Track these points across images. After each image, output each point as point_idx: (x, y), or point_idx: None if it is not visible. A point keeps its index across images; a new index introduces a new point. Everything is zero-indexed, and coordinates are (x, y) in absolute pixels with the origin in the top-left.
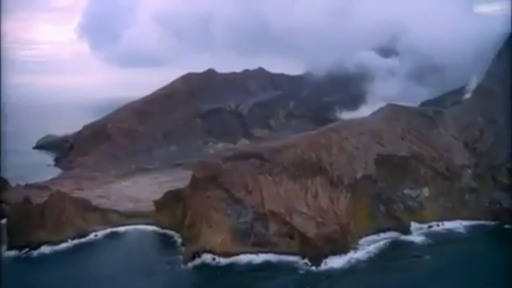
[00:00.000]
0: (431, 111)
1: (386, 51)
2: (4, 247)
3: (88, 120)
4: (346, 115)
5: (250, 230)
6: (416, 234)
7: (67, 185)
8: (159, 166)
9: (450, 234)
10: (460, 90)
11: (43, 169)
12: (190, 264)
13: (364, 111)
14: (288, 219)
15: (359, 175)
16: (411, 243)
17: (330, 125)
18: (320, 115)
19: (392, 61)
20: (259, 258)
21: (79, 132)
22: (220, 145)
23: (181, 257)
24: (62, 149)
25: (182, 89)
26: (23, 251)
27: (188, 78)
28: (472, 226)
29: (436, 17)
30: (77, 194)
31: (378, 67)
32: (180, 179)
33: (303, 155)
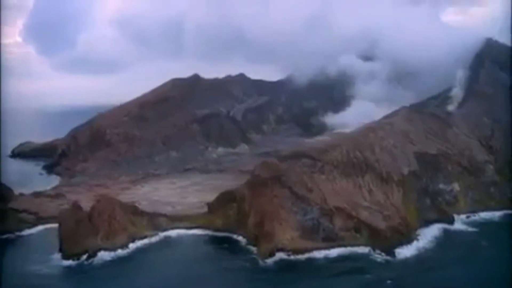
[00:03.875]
0: (442, 113)
1: (365, 57)
2: (58, 255)
3: (63, 127)
4: (332, 119)
5: (318, 226)
6: (460, 224)
7: (82, 192)
8: (169, 171)
9: (488, 223)
10: (441, 96)
11: (34, 177)
12: (270, 261)
13: (349, 115)
14: (354, 213)
15: (405, 171)
16: (461, 231)
17: (366, 125)
18: (307, 119)
19: (372, 66)
20: (332, 252)
21: (74, 138)
22: (220, 149)
23: (252, 256)
24: (46, 156)
25: (174, 94)
26: (82, 259)
27: (176, 83)
28: (502, 216)
29: (408, 26)
30: None
31: (359, 72)
32: (198, 183)
33: (349, 154)
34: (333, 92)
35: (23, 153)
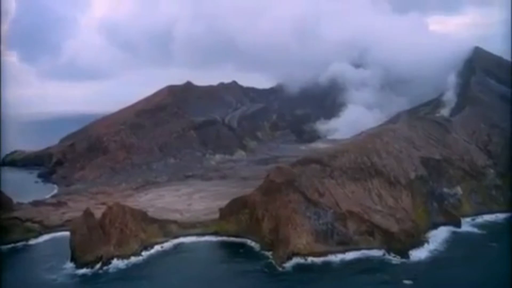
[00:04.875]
0: (441, 119)
1: (356, 65)
2: (71, 264)
3: (50, 135)
4: (325, 125)
5: (332, 230)
6: (467, 226)
7: (83, 201)
8: (169, 178)
9: (494, 225)
10: (433, 102)
11: (30, 185)
12: (287, 265)
13: (342, 121)
14: (366, 217)
15: (412, 175)
16: (469, 234)
17: (370, 131)
18: (301, 126)
19: (363, 74)
20: (348, 256)
21: (70, 146)
22: (218, 156)
23: (269, 260)
24: (38, 164)
25: (169, 101)
26: (97, 267)
27: (171, 91)
28: (506, 218)
29: (397, 34)
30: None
31: (351, 79)
32: (202, 190)
33: (357, 159)
34: (325, 99)
35: (14, 161)
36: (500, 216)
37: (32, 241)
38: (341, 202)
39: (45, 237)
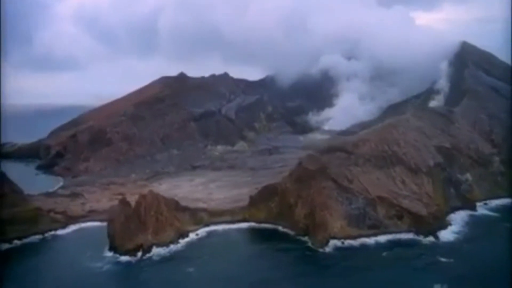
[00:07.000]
0: (444, 110)
1: (347, 57)
2: (110, 253)
3: (36, 128)
4: (320, 116)
5: (363, 215)
6: (482, 210)
7: (97, 192)
8: (177, 169)
9: (505, 208)
10: (426, 92)
11: (31, 177)
12: (327, 248)
13: (336, 112)
14: (395, 202)
15: (431, 163)
16: (486, 216)
17: (387, 122)
18: (296, 118)
19: (355, 65)
20: (381, 238)
21: (72, 137)
22: (219, 147)
23: (307, 245)
24: (33, 157)
25: (166, 92)
26: (138, 255)
27: (165, 82)
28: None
29: (384, 27)
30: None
31: (343, 70)
32: (216, 180)
33: (378, 148)
34: (318, 90)
35: (8, 153)
36: (507, 200)
37: (60, 232)
38: (370, 188)
39: (72, 227)
